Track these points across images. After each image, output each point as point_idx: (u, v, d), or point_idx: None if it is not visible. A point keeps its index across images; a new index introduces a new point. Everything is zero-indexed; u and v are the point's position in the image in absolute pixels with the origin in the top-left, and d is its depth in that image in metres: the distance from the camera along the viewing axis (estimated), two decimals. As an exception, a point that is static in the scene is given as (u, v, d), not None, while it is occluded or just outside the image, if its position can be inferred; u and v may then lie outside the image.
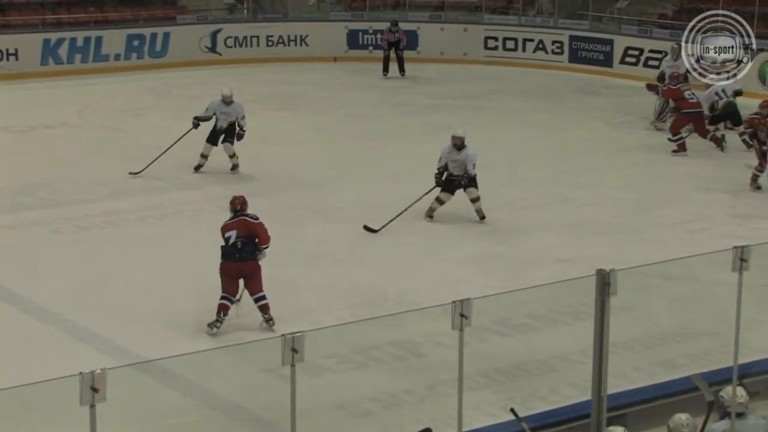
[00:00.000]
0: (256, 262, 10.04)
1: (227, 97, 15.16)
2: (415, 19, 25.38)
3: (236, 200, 10.28)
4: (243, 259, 10.00)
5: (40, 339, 9.79)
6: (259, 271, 10.08)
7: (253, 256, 10.03)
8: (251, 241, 10.03)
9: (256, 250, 10.04)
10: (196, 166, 15.32)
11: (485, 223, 13.15)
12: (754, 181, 14.92)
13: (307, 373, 6.78)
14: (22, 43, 22.57)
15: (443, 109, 20.10)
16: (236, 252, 10.00)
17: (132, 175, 15.15)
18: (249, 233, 10.02)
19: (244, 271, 10.03)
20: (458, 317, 6.33)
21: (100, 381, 5.43)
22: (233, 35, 24.78)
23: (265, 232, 10.07)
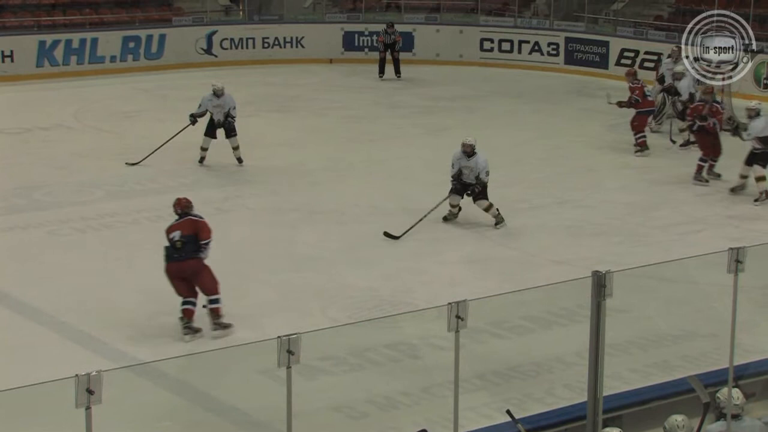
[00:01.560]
0: (199, 261, 9.89)
1: (218, 90, 15.57)
2: (410, 20, 25.40)
3: (180, 202, 10.21)
4: (182, 258, 9.88)
5: (35, 341, 9.78)
6: (205, 270, 9.92)
7: (193, 255, 9.89)
8: (192, 241, 9.91)
9: (197, 250, 9.91)
10: (200, 159, 15.72)
11: (481, 224, 13.14)
12: (701, 173, 15.03)
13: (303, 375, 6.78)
14: (17, 44, 22.56)
15: (439, 110, 20.11)
16: (175, 252, 9.90)
17: (129, 165, 15.46)
18: (194, 232, 9.94)
19: (185, 271, 9.88)
20: (454, 319, 6.33)
21: (96, 383, 5.43)
22: (229, 37, 24.79)
23: (207, 229, 10.00)
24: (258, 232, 12.91)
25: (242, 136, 16.09)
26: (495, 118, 19.28)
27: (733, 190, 14.54)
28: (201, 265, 9.93)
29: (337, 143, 17.47)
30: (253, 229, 13.03)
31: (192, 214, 10.13)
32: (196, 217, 10.13)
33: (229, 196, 14.35)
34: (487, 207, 13.14)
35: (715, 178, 15.23)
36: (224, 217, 13.52)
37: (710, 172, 15.27)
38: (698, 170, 15.15)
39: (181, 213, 10.15)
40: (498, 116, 19.57)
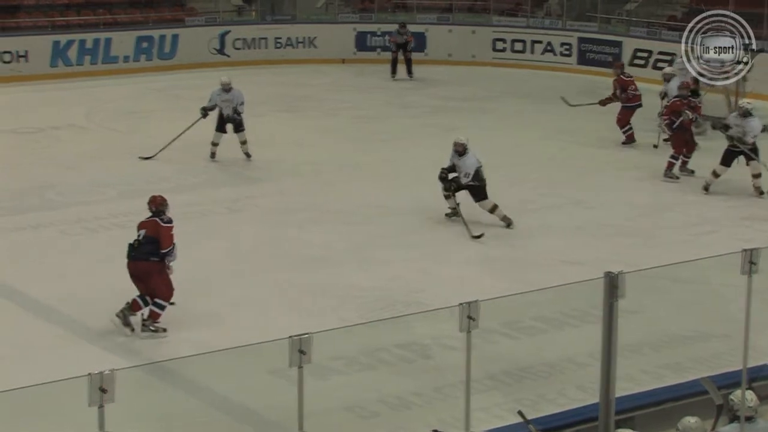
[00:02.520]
0: (151, 264, 9.76)
1: (226, 84, 15.76)
2: (423, 21, 25.39)
3: (155, 200, 10.06)
4: (134, 258, 9.80)
5: (48, 339, 9.80)
6: (158, 275, 9.80)
7: (145, 258, 9.76)
8: (152, 243, 9.78)
9: (152, 253, 9.77)
10: (210, 154, 15.91)
11: (491, 225, 13.12)
12: (671, 170, 15.13)
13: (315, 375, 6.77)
14: (31, 44, 22.62)
15: (451, 111, 20.10)
16: (132, 250, 9.83)
17: (143, 159, 15.72)
18: (154, 235, 9.81)
19: (135, 272, 9.79)
20: (466, 319, 6.32)
21: (109, 382, 5.44)
22: (242, 37, 24.83)
23: (167, 237, 9.79)
24: (268, 231, 12.92)
25: (254, 135, 16.12)
26: (506, 118, 19.26)
27: (707, 188, 14.58)
28: (153, 268, 9.78)
29: (347, 143, 17.47)
30: (264, 228, 13.04)
31: (162, 217, 9.93)
32: (164, 221, 9.92)
33: (240, 196, 14.37)
34: (491, 208, 13.13)
35: (688, 174, 15.38)
36: (235, 216, 13.56)
37: (683, 168, 15.43)
38: (669, 167, 15.29)
39: (155, 211, 9.99)
40: (509, 116, 19.54)
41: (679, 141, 15.38)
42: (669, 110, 15.56)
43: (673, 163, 15.31)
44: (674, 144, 15.46)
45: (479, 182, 13.11)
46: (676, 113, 15.34)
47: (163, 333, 9.86)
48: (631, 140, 17.14)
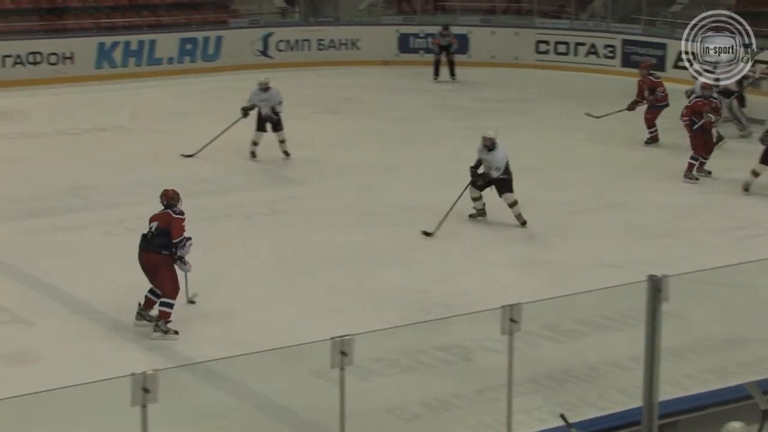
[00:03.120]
0: (161, 257, 9.85)
1: (263, 84, 15.94)
2: (466, 23, 25.33)
3: (167, 194, 10.17)
4: (147, 249, 9.90)
5: (91, 340, 9.89)
6: (165, 270, 9.88)
7: (157, 251, 9.86)
8: (164, 235, 9.87)
9: (164, 246, 9.86)
10: (251, 153, 16.07)
11: (532, 227, 13.09)
12: (692, 171, 15.13)
13: (356, 376, 6.78)
14: (77, 46, 22.82)
15: (493, 112, 20.03)
16: (145, 241, 9.93)
17: (184, 156, 15.96)
18: (166, 226, 9.89)
19: (147, 263, 9.90)
20: (507, 322, 6.31)
21: (152, 382, 5.48)
22: (285, 39, 24.90)
23: (179, 227, 9.89)
24: (310, 232, 12.95)
25: (296, 137, 16.17)
26: (547, 120, 19.16)
27: (747, 189, 14.47)
28: (163, 261, 9.87)
29: (389, 145, 17.46)
30: (306, 229, 13.07)
31: (174, 209, 10.04)
32: (175, 212, 10.02)
33: (282, 197, 14.41)
34: (512, 202, 13.12)
35: (706, 175, 15.31)
36: (277, 218, 13.61)
37: (701, 169, 15.34)
38: (689, 168, 15.23)
39: (166, 204, 10.10)
40: (550, 118, 19.44)
41: (699, 142, 15.31)
42: (690, 110, 15.47)
43: (694, 164, 15.25)
44: (694, 145, 15.37)
45: (508, 175, 13.10)
46: (697, 114, 15.27)
47: (175, 336, 9.87)
48: (655, 140, 17.20)
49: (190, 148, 16.35)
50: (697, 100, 15.47)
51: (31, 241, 11.95)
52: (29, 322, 10.21)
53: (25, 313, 10.38)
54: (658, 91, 17.25)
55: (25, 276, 11.27)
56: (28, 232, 12.56)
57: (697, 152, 15.28)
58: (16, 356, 9.45)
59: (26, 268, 11.46)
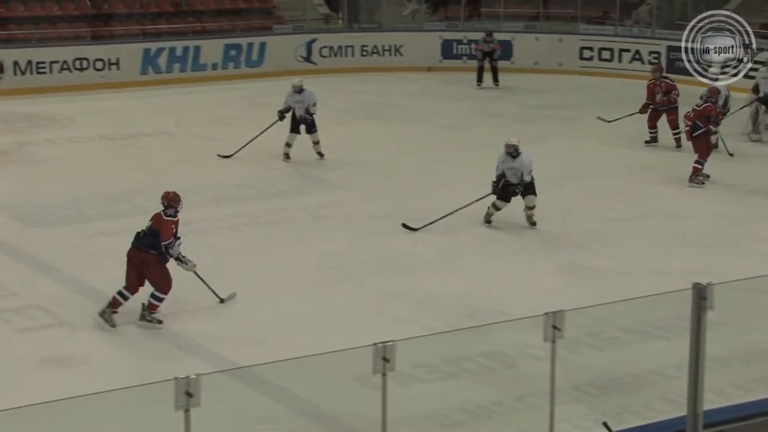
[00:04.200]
0: (150, 256, 10.15)
1: (297, 86, 16.29)
2: (509, 29, 25.29)
3: (167, 195, 10.46)
4: (137, 247, 10.24)
5: (134, 343, 9.96)
6: (156, 267, 10.18)
7: (146, 249, 10.17)
8: (154, 235, 10.19)
9: (153, 246, 10.16)
10: (284, 154, 16.36)
11: (576, 234, 13.04)
12: (697, 175, 15.17)
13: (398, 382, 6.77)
14: (123, 52, 23.03)
15: (536, 119, 19.98)
16: (137, 239, 10.27)
17: (221, 157, 16.29)
18: (157, 227, 10.22)
19: (134, 259, 10.20)
20: (550, 329, 6.28)
21: (195, 386, 5.51)
22: (328, 45, 24.99)
23: (167, 230, 10.18)
24: (353, 238, 12.97)
25: (339, 142, 16.23)
26: (592, 127, 19.06)
27: None
28: (151, 260, 10.17)
29: (432, 151, 17.46)
30: (348, 235, 13.10)
31: (167, 211, 10.31)
32: (167, 214, 10.29)
33: (325, 203, 14.45)
34: (533, 206, 13.21)
35: (704, 178, 15.34)
36: (320, 223, 13.64)
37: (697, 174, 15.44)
38: (695, 172, 15.23)
39: (165, 206, 10.40)
40: (594, 125, 19.34)
41: (703, 146, 15.33)
42: (697, 114, 15.46)
43: (699, 168, 15.27)
44: (698, 149, 15.36)
45: (532, 178, 13.19)
46: (704, 118, 15.27)
47: (159, 324, 10.17)
48: (654, 142, 17.68)
49: (233, 157, 16.47)
50: (707, 104, 15.48)
51: (78, 245, 12.06)
52: (74, 326, 10.30)
53: (71, 316, 10.48)
54: (673, 93, 17.42)
55: (72, 280, 11.39)
56: (75, 236, 12.68)
57: (702, 156, 15.29)
58: (61, 359, 9.54)
59: (73, 272, 11.57)
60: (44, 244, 12.59)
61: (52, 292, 11.10)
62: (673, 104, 17.44)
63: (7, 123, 18.93)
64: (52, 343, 9.93)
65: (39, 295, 10.96)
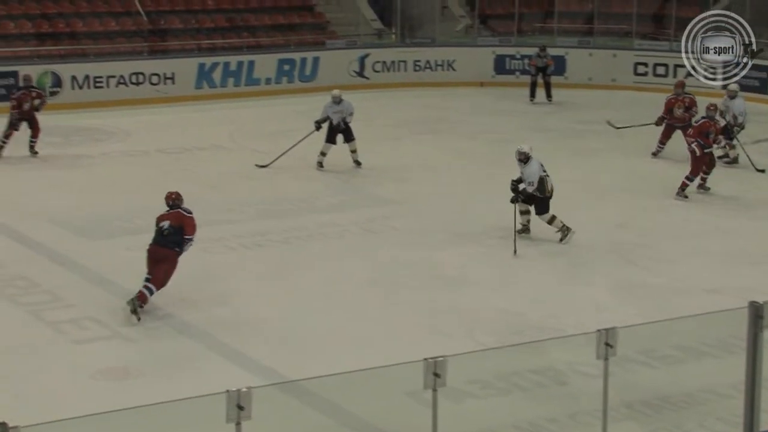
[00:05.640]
0: (173, 252, 10.79)
1: (336, 97, 16.76)
2: (563, 44, 25.21)
3: (170, 195, 11.06)
4: (163, 244, 10.81)
5: (186, 356, 10.03)
6: (170, 264, 10.78)
7: (171, 247, 10.79)
8: (177, 232, 10.79)
9: (177, 244, 10.80)
10: (318, 163, 16.77)
11: (628, 250, 12.95)
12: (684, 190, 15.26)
13: (449, 398, 6.75)
14: (178, 67, 23.25)
15: (590, 135, 19.88)
16: (161, 237, 10.83)
17: (259, 167, 16.67)
18: (179, 224, 10.80)
19: (156, 255, 10.80)
20: (603, 346, 6.23)
21: (246, 399, 5.53)
22: (381, 60, 25.06)
23: (192, 225, 10.87)
24: (404, 253, 12.97)
25: (392, 156, 16.25)
26: (647, 143, 18.91)
27: None
28: (172, 256, 10.81)
29: (484, 166, 17.42)
30: (400, 250, 13.09)
31: (182, 208, 10.96)
32: (185, 211, 10.95)
33: (376, 217, 14.47)
34: (549, 220, 13.21)
35: (704, 191, 15.48)
36: (371, 237, 13.65)
37: (702, 186, 15.49)
38: (683, 187, 15.25)
39: (171, 205, 10.99)
40: (649, 141, 19.19)
41: (701, 164, 15.31)
42: (697, 131, 15.47)
43: (687, 185, 15.30)
44: (695, 166, 15.34)
45: (541, 194, 13.05)
46: (703, 134, 15.27)
47: (136, 320, 10.55)
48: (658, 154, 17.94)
49: (285, 168, 16.57)
50: (704, 120, 15.52)
51: (134, 257, 12.13)
52: (128, 338, 10.40)
53: (125, 328, 10.58)
54: (693, 109, 17.43)
55: (127, 293, 11.47)
56: (131, 248, 12.75)
57: (694, 172, 15.30)
58: (115, 371, 9.62)
59: (128, 285, 11.65)
60: (99, 256, 12.73)
61: (106, 303, 11.21)
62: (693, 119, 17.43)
63: (64, 137, 19.18)
64: (106, 354, 10.02)
65: (94, 307, 11.08)
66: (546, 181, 13.19)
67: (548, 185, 13.21)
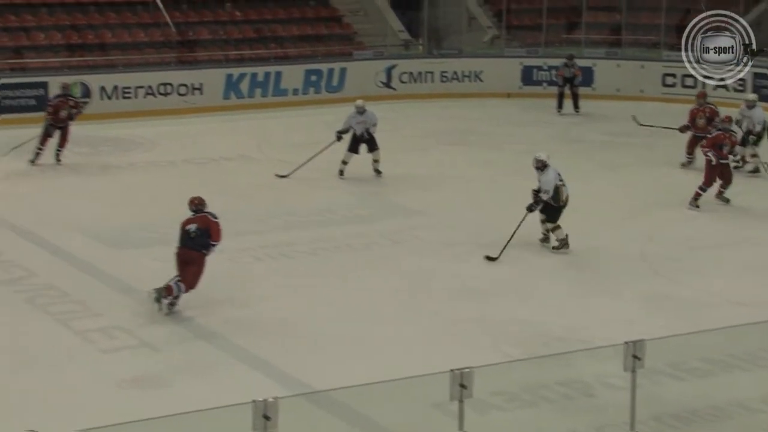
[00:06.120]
0: (200, 255, 11.06)
1: (360, 107, 16.92)
2: (590, 55, 25.15)
3: (194, 200, 11.33)
4: (190, 247, 11.08)
5: (212, 365, 10.05)
6: (198, 266, 11.04)
7: (198, 249, 11.06)
8: (204, 235, 11.06)
9: (204, 246, 11.07)
10: (339, 171, 16.91)
11: (657, 262, 12.89)
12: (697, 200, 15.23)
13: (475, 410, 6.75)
14: (206, 77, 23.34)
15: (618, 146, 19.82)
16: (188, 240, 11.08)
17: (279, 177, 16.70)
18: (206, 227, 11.06)
19: (184, 257, 11.07)
20: (630, 358, 6.20)
21: (272, 409, 5.55)
22: (408, 71, 25.07)
23: (218, 231, 11.13)
24: (430, 263, 12.96)
25: (419, 167, 16.23)
26: (675, 154, 18.83)
27: None
28: (200, 258, 11.08)
29: (511, 177, 17.35)
30: (425, 260, 13.08)
31: (206, 212, 11.22)
32: (211, 215, 11.21)
33: (402, 228, 14.46)
34: (553, 228, 13.22)
35: (724, 202, 15.44)
36: (397, 248, 13.65)
37: (720, 197, 15.46)
38: (696, 197, 15.22)
39: (195, 209, 11.23)
40: (677, 152, 19.11)
41: (715, 175, 15.31)
42: (710, 143, 15.49)
43: (700, 194, 15.25)
44: (709, 176, 15.35)
45: (555, 203, 13.02)
46: (717, 146, 15.25)
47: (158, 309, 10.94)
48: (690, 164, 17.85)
49: (311, 179, 16.60)
50: (719, 132, 15.51)
51: (160, 267, 12.19)
52: (155, 347, 10.43)
53: (152, 337, 10.62)
54: (716, 119, 17.30)
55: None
56: (158, 258, 12.82)
57: (707, 183, 15.30)
58: (142, 380, 9.66)
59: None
60: (127, 265, 12.79)
61: (133, 313, 11.26)
62: None
63: (92, 146, 19.30)
64: (133, 363, 10.06)
65: (121, 316, 11.14)
66: (561, 191, 13.15)
67: (563, 194, 13.17)
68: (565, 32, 27.07)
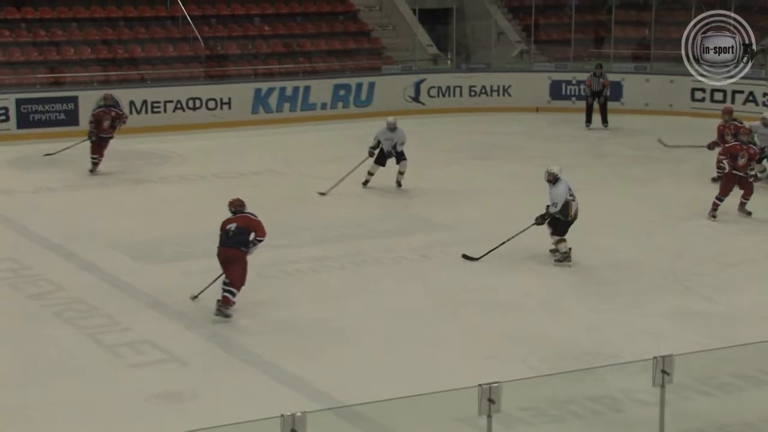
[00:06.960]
0: (240, 252, 11.23)
1: (391, 124, 17.12)
2: (619, 70, 25.11)
3: (233, 202, 11.60)
4: (229, 245, 11.26)
5: (239, 379, 10.07)
6: (241, 263, 11.24)
7: (237, 247, 11.23)
8: (244, 233, 11.27)
9: (243, 244, 11.25)
10: (364, 181, 17.24)
11: (686, 278, 12.82)
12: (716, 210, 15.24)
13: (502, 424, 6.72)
14: (235, 92, 23.49)
15: (646, 161, 19.74)
16: (227, 238, 11.27)
17: (320, 194, 16.76)
18: (246, 226, 11.30)
19: (225, 257, 11.26)
20: (659, 373, 6.17)
21: (300, 424, 5.55)
22: (436, 85, 25.11)
23: (262, 228, 11.39)
24: (459, 278, 12.95)
25: (447, 182, 16.22)
26: (704, 169, 18.75)
27: None
28: (241, 256, 11.25)
29: (540, 192, 17.26)
30: (455, 275, 13.07)
31: (246, 212, 11.47)
32: (251, 215, 11.47)
33: (432, 242, 14.45)
34: (557, 241, 13.23)
35: (746, 215, 15.42)
36: (427, 263, 13.64)
37: (742, 209, 15.45)
38: (714, 208, 15.24)
39: (235, 210, 11.48)
40: (707, 167, 19.03)
41: (731, 185, 15.34)
42: (726, 151, 15.58)
43: (718, 205, 15.24)
44: (725, 187, 15.38)
45: (564, 217, 12.95)
46: (733, 156, 15.32)
47: (228, 318, 11.20)
48: None
49: (340, 194, 16.62)
50: (735, 143, 15.57)
51: (190, 282, 12.25)
52: (183, 361, 10.46)
53: (180, 351, 10.65)
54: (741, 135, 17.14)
55: (181, 315, 11.59)
56: (187, 272, 12.90)
57: (723, 193, 15.34)
58: (170, 395, 9.67)
59: (183, 309, 11.77)
60: (156, 280, 12.84)
61: (162, 327, 11.30)
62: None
63: (122, 161, 19.41)
64: (161, 378, 10.09)
65: (150, 331, 11.17)
66: (571, 205, 13.13)
67: (572, 209, 13.14)
68: (594, 47, 27.05)
